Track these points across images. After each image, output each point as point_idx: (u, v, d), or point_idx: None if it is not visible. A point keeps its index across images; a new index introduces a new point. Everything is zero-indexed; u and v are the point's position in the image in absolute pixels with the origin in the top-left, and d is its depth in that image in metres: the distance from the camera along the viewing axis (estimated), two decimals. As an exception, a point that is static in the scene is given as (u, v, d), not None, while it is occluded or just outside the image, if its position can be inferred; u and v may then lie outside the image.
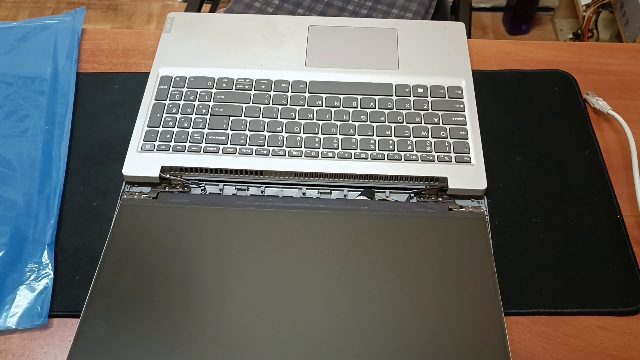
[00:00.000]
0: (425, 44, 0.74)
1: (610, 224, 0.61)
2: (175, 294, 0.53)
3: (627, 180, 0.64)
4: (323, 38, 0.74)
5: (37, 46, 0.74)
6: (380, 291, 0.53)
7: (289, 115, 0.66)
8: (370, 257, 0.56)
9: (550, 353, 0.53)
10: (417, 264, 0.55)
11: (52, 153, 0.65)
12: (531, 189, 0.63)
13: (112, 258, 0.55)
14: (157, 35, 0.77)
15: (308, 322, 0.51)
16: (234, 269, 0.55)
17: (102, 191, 0.63)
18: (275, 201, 0.61)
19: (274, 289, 0.53)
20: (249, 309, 0.52)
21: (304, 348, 0.50)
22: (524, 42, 0.78)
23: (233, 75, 0.70)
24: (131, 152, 0.63)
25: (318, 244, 0.56)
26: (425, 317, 0.52)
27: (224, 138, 0.64)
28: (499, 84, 0.72)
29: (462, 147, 0.63)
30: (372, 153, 0.63)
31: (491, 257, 0.56)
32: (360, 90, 0.68)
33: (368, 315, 0.52)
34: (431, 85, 0.69)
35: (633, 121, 0.67)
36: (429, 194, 0.62)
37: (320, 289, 0.53)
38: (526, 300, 0.56)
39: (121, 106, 0.70)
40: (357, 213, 0.59)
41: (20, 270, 0.57)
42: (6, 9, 1.92)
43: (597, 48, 0.77)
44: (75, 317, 0.54)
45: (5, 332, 0.54)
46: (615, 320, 0.55)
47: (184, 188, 0.62)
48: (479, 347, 0.50)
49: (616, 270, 0.58)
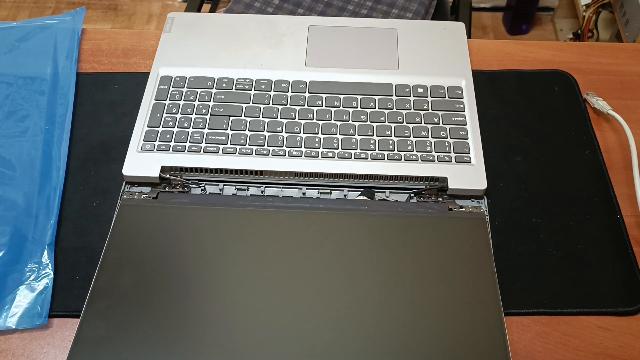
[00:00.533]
0: (425, 44, 0.74)
1: (610, 224, 0.61)
2: (175, 294, 0.53)
3: (627, 180, 0.64)
4: (323, 38, 0.74)
5: (37, 46, 0.74)
6: (380, 291, 0.53)
7: (289, 115, 0.66)
8: (370, 257, 0.56)
9: (550, 353, 0.53)
10: (417, 264, 0.55)
11: (52, 153, 0.65)
12: (531, 189, 0.63)
13: (112, 258, 0.55)
14: (157, 35, 0.77)
15: (308, 322, 0.51)
16: (234, 269, 0.55)
17: (102, 191, 0.63)
18: (275, 201, 0.61)
19: (274, 289, 0.53)
20: (249, 309, 0.52)
21: (304, 348, 0.50)
22: (524, 42, 0.78)
23: (233, 75, 0.70)
24: (131, 152, 0.63)
25: (318, 244, 0.56)
26: (425, 317, 0.52)
27: (224, 138, 0.64)
28: (499, 84, 0.72)
29: (462, 147, 0.63)
30: (372, 153, 0.63)
31: (491, 257, 0.56)
32: (360, 90, 0.68)
33: (368, 315, 0.52)
34: (431, 85, 0.69)
35: (633, 121, 0.67)
36: (429, 194, 0.62)
37: (320, 289, 0.53)
38: (526, 300, 0.56)
39: (121, 106, 0.70)
40: (357, 213, 0.59)
41: (20, 270, 0.57)
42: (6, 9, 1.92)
43: (597, 48, 0.77)
44: (75, 317, 0.54)
45: (5, 332, 0.54)
46: (615, 320, 0.55)
47: (184, 188, 0.62)
48: (479, 347, 0.50)
49: (616, 270, 0.58)
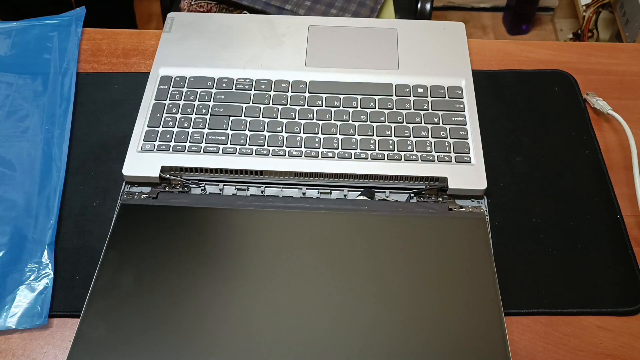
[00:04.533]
0: (425, 44, 0.74)
1: (610, 224, 0.61)
2: (175, 294, 0.53)
3: (627, 180, 0.64)
4: (323, 38, 0.74)
5: (37, 46, 0.74)
6: (381, 291, 0.53)
7: (289, 115, 0.66)
8: (370, 257, 0.56)
9: (550, 353, 0.53)
10: (417, 264, 0.55)
11: (52, 153, 0.65)
12: (531, 189, 0.63)
13: (112, 258, 0.55)
14: (157, 35, 0.77)
15: (308, 322, 0.51)
16: (233, 269, 0.55)
17: (102, 191, 0.63)
18: (275, 201, 0.61)
19: (274, 289, 0.53)
20: (248, 309, 0.52)
21: (305, 347, 0.50)
22: (524, 42, 0.78)
23: (233, 75, 0.70)
24: (131, 152, 0.63)
25: (318, 244, 0.56)
26: (425, 316, 0.52)
27: (224, 138, 0.64)
28: (499, 84, 0.72)
29: (462, 147, 0.63)
30: (372, 153, 0.63)
31: (491, 257, 0.56)
32: (360, 90, 0.68)
33: (368, 314, 0.52)
34: (431, 85, 0.69)
35: (633, 121, 0.67)
36: (429, 194, 0.62)
37: (321, 289, 0.53)
38: (526, 300, 0.56)
39: (121, 106, 0.70)
40: (357, 213, 0.59)
41: (20, 270, 0.57)
42: (6, 9, 1.92)
43: (597, 48, 0.77)
44: (75, 317, 0.54)
45: (5, 332, 0.54)
46: (615, 320, 0.55)
47: (184, 188, 0.62)
48: (479, 347, 0.50)
49: (616, 270, 0.58)
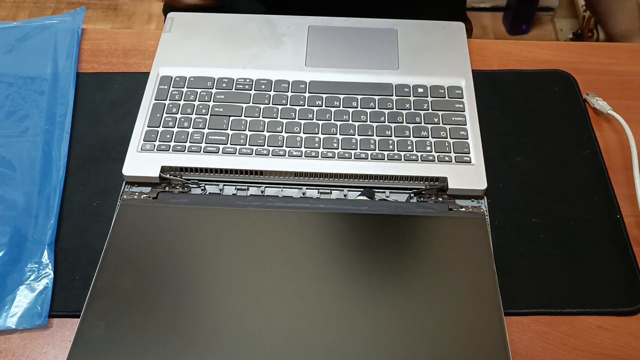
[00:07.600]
0: (425, 44, 0.74)
1: (610, 224, 0.61)
2: (175, 294, 0.53)
3: (627, 180, 0.64)
4: (323, 38, 0.74)
5: (37, 46, 0.74)
6: (380, 291, 0.53)
7: (289, 115, 0.66)
8: (370, 257, 0.56)
9: (550, 353, 0.53)
10: (417, 264, 0.55)
11: (52, 153, 0.65)
12: (531, 189, 0.63)
13: (112, 258, 0.55)
14: (157, 35, 0.77)
15: (308, 322, 0.51)
16: (233, 269, 0.55)
17: (102, 191, 0.63)
18: (275, 201, 0.61)
19: (274, 289, 0.53)
20: (248, 309, 0.52)
21: (305, 348, 0.50)
22: (524, 42, 0.78)
23: (233, 75, 0.70)
24: (131, 152, 0.63)
25: (318, 244, 0.56)
26: (425, 317, 0.52)
27: (224, 138, 0.64)
28: (499, 84, 0.72)
29: (462, 147, 0.63)
30: (372, 153, 0.63)
31: (491, 257, 0.56)
32: (360, 90, 0.68)
33: (368, 315, 0.52)
34: (431, 85, 0.69)
35: (633, 121, 0.67)
36: (429, 194, 0.62)
37: (321, 289, 0.53)
38: (526, 300, 0.56)
39: (121, 106, 0.70)
40: (357, 213, 0.59)
41: (20, 270, 0.57)
42: (6, 9, 1.92)
43: (597, 48, 0.77)
44: (75, 317, 0.54)
45: (5, 332, 0.54)
46: (615, 320, 0.55)
47: (184, 188, 0.62)
48: (479, 347, 0.50)
49: (616, 270, 0.58)
